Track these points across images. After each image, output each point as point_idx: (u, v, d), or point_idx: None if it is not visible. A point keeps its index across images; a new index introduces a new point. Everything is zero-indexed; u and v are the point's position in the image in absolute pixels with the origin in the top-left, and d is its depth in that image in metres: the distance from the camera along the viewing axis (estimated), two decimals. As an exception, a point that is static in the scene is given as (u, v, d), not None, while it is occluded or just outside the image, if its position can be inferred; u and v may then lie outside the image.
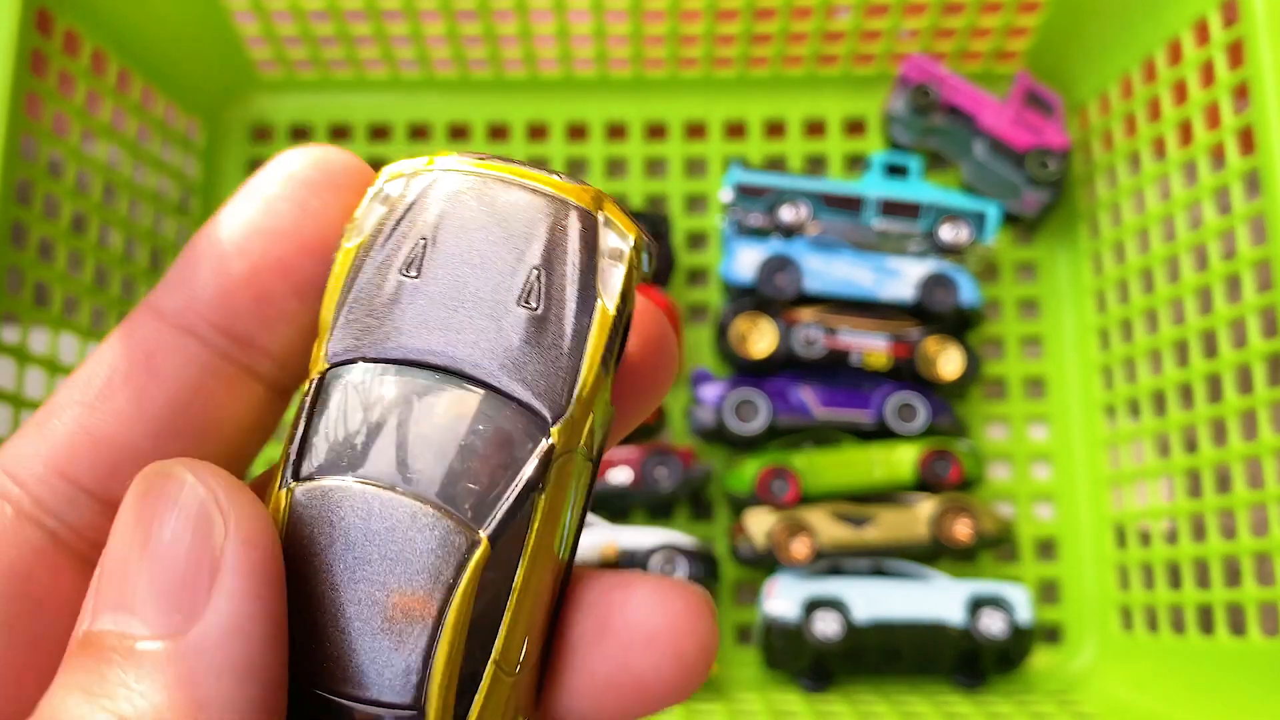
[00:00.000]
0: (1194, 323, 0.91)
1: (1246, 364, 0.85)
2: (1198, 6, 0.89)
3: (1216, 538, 0.88)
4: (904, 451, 0.98)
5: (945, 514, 0.96)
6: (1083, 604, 1.01)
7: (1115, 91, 1.02)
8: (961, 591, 0.95)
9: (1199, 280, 0.90)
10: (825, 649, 0.93)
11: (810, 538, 0.95)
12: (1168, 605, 0.93)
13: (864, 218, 1.03)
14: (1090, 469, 1.03)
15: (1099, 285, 1.04)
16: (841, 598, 0.94)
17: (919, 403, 1.00)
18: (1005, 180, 1.06)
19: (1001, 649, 0.94)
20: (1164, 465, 0.95)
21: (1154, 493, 0.96)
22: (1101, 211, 1.04)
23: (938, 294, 1.01)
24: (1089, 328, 1.05)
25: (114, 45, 0.94)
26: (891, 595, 0.95)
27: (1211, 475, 0.90)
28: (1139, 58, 0.97)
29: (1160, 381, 0.95)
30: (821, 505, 0.97)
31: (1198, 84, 0.91)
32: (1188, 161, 0.92)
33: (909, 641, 0.94)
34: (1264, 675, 0.82)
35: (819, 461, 0.98)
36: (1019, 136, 1.05)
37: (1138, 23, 0.97)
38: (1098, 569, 1.01)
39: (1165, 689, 0.91)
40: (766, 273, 1.00)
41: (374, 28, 1.04)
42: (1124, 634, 0.98)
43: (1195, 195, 0.91)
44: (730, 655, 0.99)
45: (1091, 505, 1.03)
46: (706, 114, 1.11)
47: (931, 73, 1.06)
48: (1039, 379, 1.07)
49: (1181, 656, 0.91)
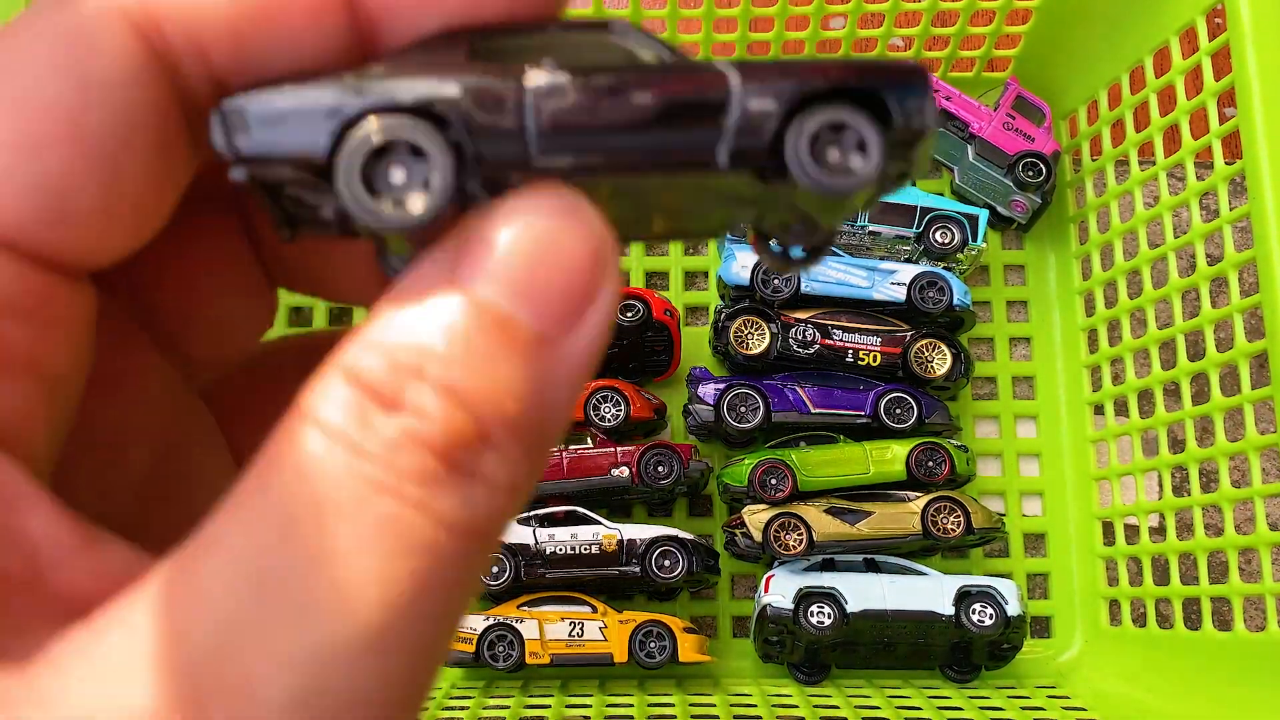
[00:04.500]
0: (1180, 323, 0.93)
1: (1232, 363, 0.87)
2: (1186, 14, 0.91)
3: (1202, 533, 0.90)
4: (896, 448, 1.00)
5: (936, 509, 0.98)
6: (1071, 597, 1.03)
7: (1104, 98, 1.04)
8: (952, 585, 0.97)
9: (1185, 282, 0.92)
10: (818, 641, 0.95)
11: (805, 532, 0.97)
12: (1154, 599, 0.95)
13: (857, 221, 1.05)
14: (1078, 465, 1.05)
15: (1087, 287, 1.06)
16: (835, 591, 0.96)
17: (911, 401, 1.02)
18: (995, 185, 1.08)
19: (991, 641, 0.96)
20: (1151, 462, 0.97)
21: (1141, 489, 0.98)
22: (1090, 215, 1.06)
23: (929, 295, 1.03)
24: (1077, 328, 1.07)
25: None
26: (884, 588, 0.97)
27: (1197, 472, 0.92)
28: (1127, 65, 1.00)
29: (1147, 380, 0.97)
30: (816, 500, 0.99)
31: (1185, 91, 0.93)
32: (1175, 166, 0.95)
33: (901, 633, 0.96)
34: (1250, 668, 0.84)
35: (813, 458, 1.00)
36: (1009, 142, 1.07)
37: (1126, 31, 0.99)
38: (1085, 563, 1.03)
39: (1152, 681, 0.93)
40: (763, 275, 1.02)
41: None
42: (1111, 627, 1.00)
43: (1182, 199, 0.93)
44: (726, 646, 1.01)
45: (1079, 501, 1.05)
46: (703, 117, 1.13)
47: (924, 79, 1.08)
48: (1028, 378, 1.09)
49: (1168, 649, 0.93)
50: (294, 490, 0.23)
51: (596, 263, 0.27)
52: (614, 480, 0.98)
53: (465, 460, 0.24)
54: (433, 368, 0.24)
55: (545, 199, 0.27)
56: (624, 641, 0.95)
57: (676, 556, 0.96)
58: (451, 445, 0.24)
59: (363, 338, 0.25)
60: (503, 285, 0.26)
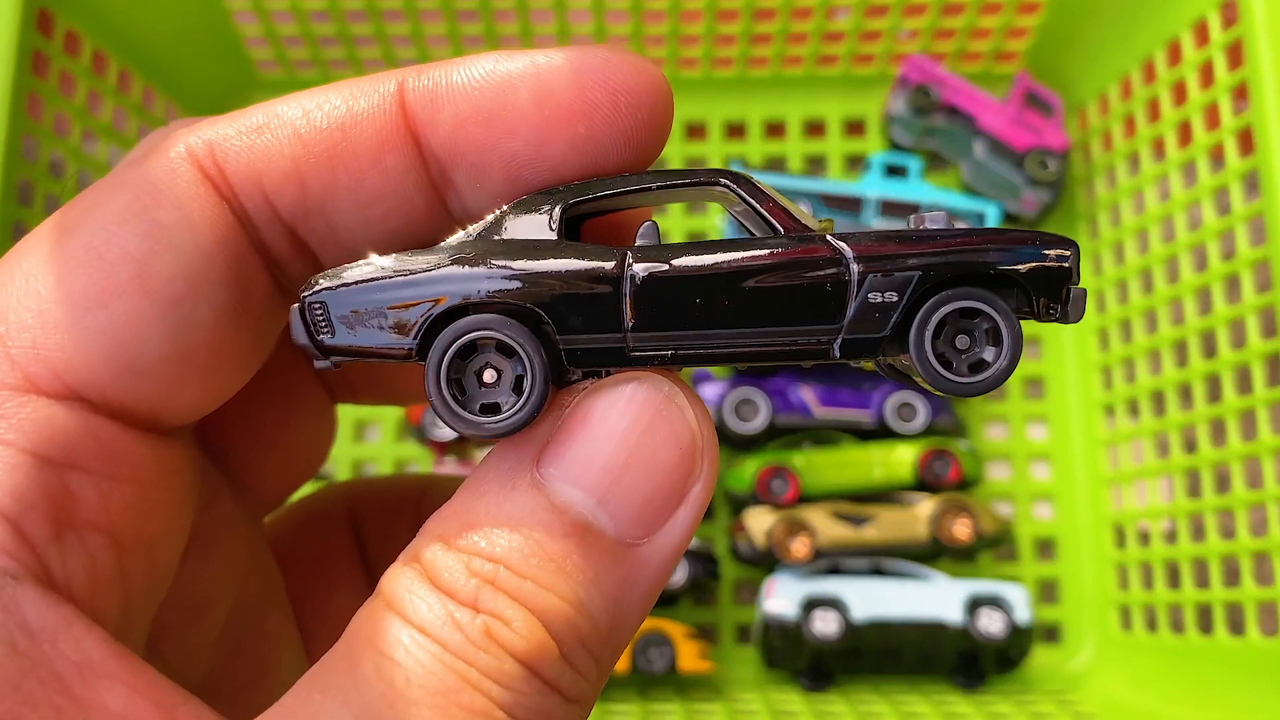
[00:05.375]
0: (1193, 323, 0.91)
1: (1245, 364, 0.85)
2: (1197, 7, 0.89)
3: (1215, 537, 0.88)
4: (903, 451, 0.98)
5: (944, 513, 0.96)
6: (1082, 603, 1.01)
7: (1115, 92, 1.02)
8: (960, 591, 0.95)
9: (1198, 280, 0.90)
10: (824, 648, 0.93)
11: (809, 537, 0.95)
12: (1167, 605, 0.93)
13: (863, 218, 1.03)
14: (1089, 469, 1.03)
15: (1098, 285, 1.04)
16: (840, 597, 0.94)
17: (918, 402, 1.00)
18: (1005, 181, 1.06)
19: (1000, 648, 0.94)
20: (1163, 465, 0.95)
21: (1153, 492, 0.96)
22: (1101, 212, 1.04)
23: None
24: (1088, 328, 1.05)
25: (115, 45, 0.94)
26: (890, 595, 0.95)
27: (1210, 475, 0.90)
28: (1138, 58, 0.97)
29: (1159, 381, 0.95)
30: (821, 504, 0.98)
31: (1197, 85, 0.91)
32: (1187, 162, 0.92)
33: (908, 641, 0.94)
34: (1263, 674, 0.82)
35: (818, 461, 0.98)
36: (1018, 137, 1.05)
37: (1137, 23, 0.97)
38: (1097, 568, 1.01)
39: (1164, 688, 0.91)
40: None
41: (374, 28, 1.04)
42: (1123, 633, 0.98)
43: (1194, 195, 0.91)
44: (729, 654, 0.99)
45: (1090, 505, 1.03)
46: (706, 114, 1.12)
47: (931, 73, 1.06)
48: (1038, 379, 1.07)
49: (1180, 656, 0.91)
50: (380, 676, 0.24)
51: (688, 460, 0.26)
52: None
53: (541, 668, 0.24)
54: (507, 580, 0.24)
55: (638, 391, 0.26)
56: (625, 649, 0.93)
57: (682, 564, 0.94)
58: (527, 654, 0.24)
59: (441, 530, 0.25)
60: (585, 489, 0.25)
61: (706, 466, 0.26)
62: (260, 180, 0.28)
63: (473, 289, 0.27)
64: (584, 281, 0.27)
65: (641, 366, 0.27)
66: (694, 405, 0.27)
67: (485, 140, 0.28)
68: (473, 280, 0.27)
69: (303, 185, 0.28)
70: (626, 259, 0.27)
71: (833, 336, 0.27)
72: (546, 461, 0.26)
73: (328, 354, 0.28)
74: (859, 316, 0.27)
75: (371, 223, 0.29)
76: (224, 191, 0.28)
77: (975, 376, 0.27)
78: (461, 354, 0.27)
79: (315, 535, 0.38)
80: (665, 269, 0.27)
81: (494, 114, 0.28)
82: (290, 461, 0.37)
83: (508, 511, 0.25)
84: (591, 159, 0.29)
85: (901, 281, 0.27)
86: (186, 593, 0.31)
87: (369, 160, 0.28)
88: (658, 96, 0.29)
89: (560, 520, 0.25)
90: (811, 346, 0.28)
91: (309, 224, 0.29)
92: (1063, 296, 0.28)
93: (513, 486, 0.25)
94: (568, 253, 0.27)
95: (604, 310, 0.27)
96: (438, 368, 0.27)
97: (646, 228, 0.29)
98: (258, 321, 0.29)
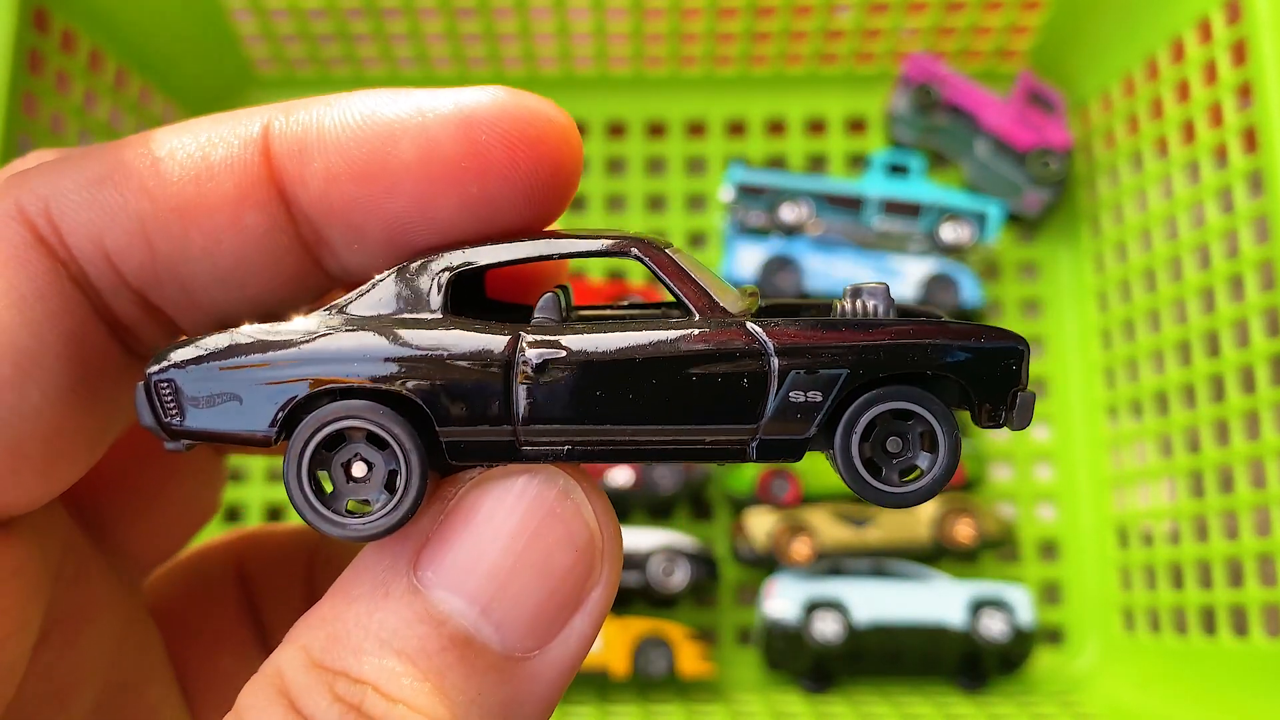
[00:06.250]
0: (1197, 323, 0.90)
1: (1249, 364, 0.84)
2: (1201, 5, 0.88)
3: (1219, 539, 0.88)
4: (905, 452, 0.98)
5: (947, 515, 0.96)
6: (1085, 605, 1.00)
7: (1117, 90, 1.01)
8: (963, 593, 0.95)
9: (1202, 280, 0.90)
10: (826, 650, 0.93)
11: (811, 538, 0.95)
12: (1170, 606, 0.93)
13: (865, 217, 1.03)
14: (1092, 470, 1.03)
15: (1101, 285, 1.04)
16: (842, 599, 0.94)
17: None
18: (1007, 179, 1.05)
19: (1003, 650, 0.94)
20: (1166, 466, 0.94)
21: (1156, 493, 0.96)
22: (1104, 211, 1.04)
23: (939, 293, 1.00)
24: (1091, 328, 1.05)
25: (112, 44, 0.94)
26: (892, 596, 0.95)
27: (1214, 476, 0.89)
28: (1142, 56, 0.97)
29: (1163, 382, 0.94)
30: (822, 505, 0.97)
31: (1200, 83, 0.90)
32: (1190, 161, 0.92)
33: (910, 643, 0.94)
34: (1266, 676, 0.82)
35: (820, 461, 0.97)
36: (1021, 135, 1.04)
37: (1140, 21, 0.96)
38: (1100, 570, 1.01)
39: (1168, 690, 0.91)
40: (767, 272, 1.00)
41: (372, 26, 1.04)
42: (1126, 635, 0.97)
43: (1198, 195, 0.90)
44: (730, 656, 0.99)
45: (1094, 506, 1.02)
46: (707, 112, 1.11)
47: (933, 71, 1.05)
48: (1041, 379, 1.06)
49: (1184, 657, 0.91)
50: None
51: (585, 563, 0.23)
52: (614, 485, 0.96)
53: None
54: (375, 705, 0.22)
55: (528, 486, 0.24)
56: (624, 652, 0.92)
57: (676, 566, 0.94)
58: None
59: (306, 641, 0.23)
60: (467, 596, 0.23)
61: (607, 569, 0.24)
62: (102, 241, 0.25)
63: (341, 370, 0.24)
64: (469, 366, 0.24)
65: (534, 463, 0.25)
66: (594, 500, 0.24)
67: (362, 199, 0.25)
68: (341, 360, 0.24)
69: (151, 246, 0.25)
70: (520, 341, 0.24)
71: (749, 437, 0.25)
72: (425, 563, 0.23)
73: (177, 437, 0.25)
74: (779, 416, 0.25)
75: (232, 286, 0.26)
76: (61, 255, 0.25)
77: (906, 486, 0.25)
78: (328, 444, 0.24)
79: (201, 594, 0.35)
80: (562, 355, 0.24)
81: (371, 169, 0.25)
82: (173, 519, 0.34)
83: (379, 621, 0.22)
84: (486, 219, 0.25)
85: (827, 380, 0.25)
86: (47, 680, 0.28)
87: (226, 218, 0.25)
88: (562, 147, 0.25)
89: (438, 632, 0.22)
90: (725, 447, 0.25)
91: (160, 289, 0.25)
92: (1009, 401, 0.25)
93: (386, 592, 0.23)
94: (453, 330, 0.24)
95: (491, 399, 0.24)
96: (298, 459, 0.24)
97: (546, 300, 0.25)
98: (105, 396, 0.26)
